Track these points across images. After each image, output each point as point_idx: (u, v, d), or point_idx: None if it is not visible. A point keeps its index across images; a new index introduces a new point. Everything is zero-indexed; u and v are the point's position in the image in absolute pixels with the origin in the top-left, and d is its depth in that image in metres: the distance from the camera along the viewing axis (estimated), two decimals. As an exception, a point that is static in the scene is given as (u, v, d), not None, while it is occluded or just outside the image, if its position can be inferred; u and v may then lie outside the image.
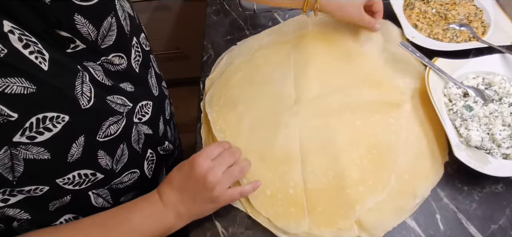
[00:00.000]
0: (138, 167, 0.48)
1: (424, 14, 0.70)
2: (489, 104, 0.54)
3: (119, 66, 0.42)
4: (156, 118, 0.51)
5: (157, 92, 0.53)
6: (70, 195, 0.39)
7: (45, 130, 0.32)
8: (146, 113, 0.48)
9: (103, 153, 0.40)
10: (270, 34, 0.71)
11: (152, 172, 0.52)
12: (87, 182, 0.40)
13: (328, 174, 0.51)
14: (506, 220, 0.47)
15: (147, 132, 0.49)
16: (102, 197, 0.44)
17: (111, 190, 0.45)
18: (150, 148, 0.50)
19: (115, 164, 0.43)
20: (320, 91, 0.60)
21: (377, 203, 0.49)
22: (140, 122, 0.46)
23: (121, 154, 0.43)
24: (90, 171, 0.39)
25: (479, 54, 0.63)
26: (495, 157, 0.50)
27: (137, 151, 0.47)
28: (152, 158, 0.52)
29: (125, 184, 0.47)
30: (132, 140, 0.45)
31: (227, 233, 0.49)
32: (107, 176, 0.42)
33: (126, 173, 0.46)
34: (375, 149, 0.53)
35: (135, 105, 0.45)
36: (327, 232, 0.47)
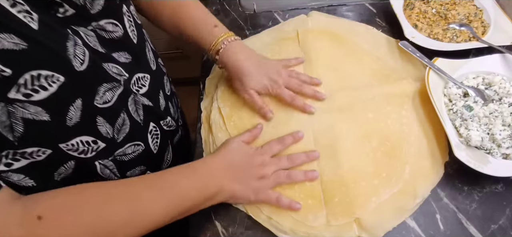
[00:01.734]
0: (141, 140, 0.48)
1: (424, 14, 0.70)
2: (489, 104, 0.55)
3: (114, 33, 0.42)
4: (155, 91, 0.51)
5: (155, 67, 0.53)
6: (74, 161, 0.39)
7: (40, 89, 0.32)
8: (142, 85, 0.48)
9: (102, 120, 0.40)
10: (270, 34, 0.72)
11: (157, 147, 0.52)
12: (91, 151, 0.40)
13: (343, 166, 0.52)
14: (506, 220, 0.47)
15: (147, 104, 0.49)
16: (108, 168, 0.44)
17: (116, 162, 0.45)
18: (152, 122, 0.51)
19: (116, 133, 0.43)
20: (331, 86, 0.61)
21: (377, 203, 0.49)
22: (138, 93, 0.47)
23: (121, 123, 0.44)
24: (91, 138, 0.40)
25: (479, 54, 0.63)
26: (495, 157, 0.50)
27: (138, 123, 0.47)
28: (156, 133, 0.52)
29: (129, 156, 0.47)
30: (130, 109, 0.45)
31: (227, 233, 0.49)
32: (109, 145, 0.43)
33: (129, 145, 0.46)
34: (388, 141, 0.54)
35: (131, 76, 0.45)
36: (344, 221, 0.48)
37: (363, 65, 0.64)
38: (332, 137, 0.55)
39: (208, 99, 0.64)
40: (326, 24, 0.71)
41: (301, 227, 0.48)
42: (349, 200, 0.49)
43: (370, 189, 0.50)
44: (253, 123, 0.57)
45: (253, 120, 0.58)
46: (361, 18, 0.74)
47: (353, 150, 0.53)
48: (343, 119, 0.57)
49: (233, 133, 0.57)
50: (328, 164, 0.52)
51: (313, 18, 0.72)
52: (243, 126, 0.57)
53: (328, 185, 0.50)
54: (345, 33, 0.69)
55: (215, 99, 0.62)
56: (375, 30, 0.70)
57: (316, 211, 0.49)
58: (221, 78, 0.65)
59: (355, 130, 0.55)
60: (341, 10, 0.76)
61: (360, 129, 0.55)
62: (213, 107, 0.61)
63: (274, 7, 0.78)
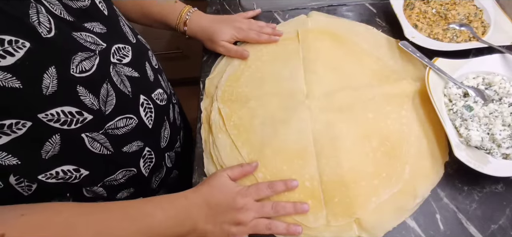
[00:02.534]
0: (133, 113, 0.47)
1: (424, 14, 0.70)
2: (489, 104, 0.54)
3: (80, 2, 0.41)
4: (139, 62, 0.50)
5: (134, 40, 0.51)
6: (59, 135, 0.38)
7: (6, 54, 0.31)
8: (125, 55, 0.47)
9: (84, 90, 0.39)
10: (270, 34, 0.72)
11: (152, 121, 0.51)
12: (76, 122, 0.39)
13: (343, 166, 0.52)
14: (506, 220, 0.47)
15: (132, 75, 0.47)
16: (98, 141, 0.42)
17: (108, 136, 0.44)
18: (142, 94, 0.49)
19: (102, 105, 0.42)
20: (330, 86, 0.61)
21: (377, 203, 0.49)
22: (120, 63, 0.45)
23: (106, 95, 0.42)
24: (75, 109, 0.38)
25: (479, 54, 0.63)
26: (495, 157, 0.50)
27: (125, 94, 0.45)
28: (149, 106, 0.50)
29: (122, 130, 0.45)
30: (115, 80, 0.44)
31: (227, 233, 0.49)
32: (97, 118, 0.41)
33: (119, 117, 0.45)
34: (388, 141, 0.54)
35: (109, 45, 0.44)
36: (344, 221, 0.48)
37: (363, 65, 0.64)
38: (332, 137, 0.55)
39: (208, 99, 0.64)
40: (326, 24, 0.71)
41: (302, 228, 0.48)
42: (349, 200, 0.49)
43: (370, 189, 0.50)
44: (253, 124, 0.57)
45: (253, 120, 0.58)
46: (361, 18, 0.74)
47: (353, 150, 0.53)
48: (343, 119, 0.57)
49: (233, 133, 0.57)
50: (328, 164, 0.52)
51: (313, 18, 0.72)
52: (243, 126, 0.57)
53: (328, 185, 0.50)
54: (345, 33, 0.69)
55: (215, 99, 0.62)
56: (375, 30, 0.70)
57: (316, 211, 0.49)
58: (221, 78, 0.65)
59: (355, 130, 0.55)
60: (341, 10, 0.76)
61: (360, 129, 0.55)
62: (213, 107, 0.61)
63: (274, 7, 0.78)
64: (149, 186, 0.56)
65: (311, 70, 0.63)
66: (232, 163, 0.54)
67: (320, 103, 0.59)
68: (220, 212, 0.45)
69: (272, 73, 0.64)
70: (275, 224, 0.46)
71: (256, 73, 0.64)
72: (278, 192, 0.49)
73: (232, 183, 0.49)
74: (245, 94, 0.62)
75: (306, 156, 0.53)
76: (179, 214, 0.44)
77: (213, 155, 0.55)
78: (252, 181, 0.52)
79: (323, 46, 0.67)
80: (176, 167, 0.63)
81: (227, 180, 0.48)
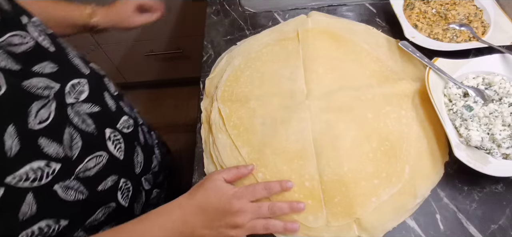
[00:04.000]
0: (102, 150, 0.46)
1: (424, 14, 0.70)
2: (489, 104, 0.54)
3: (23, 45, 0.38)
4: (98, 94, 0.48)
5: (87, 70, 0.49)
6: (32, 193, 0.36)
7: None
8: (81, 91, 0.44)
9: (46, 140, 0.37)
10: (270, 34, 0.72)
11: (122, 152, 0.49)
12: (46, 176, 0.37)
13: (343, 166, 0.52)
14: (506, 220, 0.47)
15: (93, 111, 0.45)
16: (72, 188, 0.41)
17: (81, 180, 0.42)
18: (107, 128, 0.47)
19: (68, 150, 0.40)
20: (330, 86, 0.61)
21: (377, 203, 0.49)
22: (77, 102, 0.43)
23: (70, 139, 0.40)
24: (42, 163, 0.37)
25: (479, 54, 0.63)
26: (495, 157, 0.50)
27: (90, 133, 0.44)
28: (116, 138, 0.49)
29: (93, 170, 0.44)
30: (74, 122, 0.42)
31: (227, 233, 0.49)
32: (66, 165, 0.39)
33: (89, 158, 0.43)
34: (388, 141, 0.54)
35: (63, 84, 0.42)
36: (344, 221, 0.48)
37: (363, 65, 0.64)
38: (332, 137, 0.55)
39: (208, 99, 0.64)
40: (326, 24, 0.71)
41: (301, 228, 0.48)
42: (349, 200, 0.49)
43: (370, 189, 0.50)
44: (253, 124, 0.57)
45: (253, 120, 0.58)
46: (361, 18, 0.74)
47: (353, 150, 0.53)
48: (343, 119, 0.57)
49: (233, 133, 0.57)
50: (328, 164, 0.52)
51: (313, 18, 0.72)
52: (243, 126, 0.57)
53: (328, 185, 0.50)
54: (345, 33, 0.69)
55: (215, 99, 0.62)
56: (375, 30, 0.70)
57: (316, 211, 0.49)
58: (221, 78, 0.65)
59: (355, 130, 0.55)
60: (341, 10, 0.76)
61: (360, 129, 0.55)
62: (213, 107, 0.61)
63: (274, 7, 0.78)
64: (132, 215, 0.54)
65: (311, 70, 0.63)
66: (232, 163, 0.54)
67: (320, 103, 0.59)
68: (217, 217, 0.45)
69: (272, 73, 0.64)
70: (273, 223, 0.46)
71: (256, 73, 0.64)
72: (274, 193, 0.49)
73: (227, 185, 0.48)
74: (245, 94, 0.62)
75: (306, 156, 0.53)
76: (175, 226, 0.44)
77: (213, 155, 0.55)
78: (252, 181, 0.52)
79: (323, 46, 0.67)
80: (156, 186, 0.62)
81: (222, 183, 0.47)
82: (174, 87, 1.79)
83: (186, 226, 0.44)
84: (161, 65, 1.55)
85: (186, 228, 0.44)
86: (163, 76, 1.64)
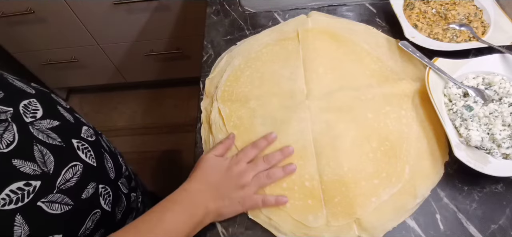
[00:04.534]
0: (75, 160, 0.45)
1: (424, 14, 0.70)
2: (489, 104, 0.54)
3: None
4: (52, 110, 0.47)
5: (33, 91, 0.47)
6: (19, 213, 0.36)
7: None
8: (35, 109, 0.44)
9: (19, 161, 0.37)
10: (270, 34, 0.72)
11: (94, 159, 0.50)
12: (28, 194, 0.37)
13: (343, 166, 0.52)
14: (506, 220, 0.47)
15: (53, 125, 0.45)
16: (56, 202, 0.41)
17: (63, 192, 0.42)
18: (72, 139, 0.47)
19: (43, 166, 0.40)
20: (330, 86, 0.61)
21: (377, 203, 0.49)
22: (35, 120, 0.43)
23: (42, 155, 0.40)
24: (22, 183, 0.37)
25: (479, 54, 0.63)
26: (495, 157, 0.50)
27: (59, 146, 0.44)
28: (84, 147, 0.49)
29: (73, 180, 0.44)
30: (40, 138, 0.42)
31: (227, 233, 0.49)
32: (45, 181, 0.39)
33: (65, 170, 0.43)
34: (388, 141, 0.54)
35: (15, 107, 0.41)
36: (344, 221, 0.48)
37: (363, 65, 0.64)
38: (332, 137, 0.55)
39: (208, 99, 0.64)
40: (326, 24, 0.71)
41: (301, 228, 0.48)
42: (349, 200, 0.49)
43: (370, 189, 0.50)
44: (253, 124, 0.57)
45: (253, 120, 0.58)
46: (361, 18, 0.74)
47: (353, 150, 0.53)
48: (343, 119, 0.57)
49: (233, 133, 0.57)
50: (328, 164, 0.52)
51: (313, 18, 0.72)
52: (243, 126, 0.57)
53: (328, 185, 0.51)
54: (345, 33, 0.69)
55: (215, 99, 0.62)
56: (375, 30, 0.70)
57: (316, 211, 0.49)
58: (221, 78, 0.65)
59: (355, 130, 0.55)
60: (341, 10, 0.76)
61: (360, 129, 0.55)
62: (213, 107, 0.61)
63: (274, 7, 0.78)
64: (115, 220, 0.54)
65: (311, 70, 0.63)
66: (232, 163, 0.54)
67: (320, 103, 0.59)
68: (223, 186, 0.48)
69: (272, 73, 0.64)
70: (273, 171, 0.51)
71: (256, 73, 0.65)
72: (262, 148, 0.53)
73: (220, 158, 0.52)
74: (245, 94, 0.62)
75: (306, 156, 0.53)
76: (186, 206, 0.45)
77: (213, 155, 0.55)
78: None
79: (323, 46, 0.67)
80: (131, 191, 0.62)
81: (216, 159, 0.51)
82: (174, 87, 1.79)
83: (198, 206, 0.46)
84: (161, 65, 1.55)
85: (198, 209, 0.45)
86: (163, 76, 1.64)
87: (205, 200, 0.47)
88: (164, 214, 0.43)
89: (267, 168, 0.51)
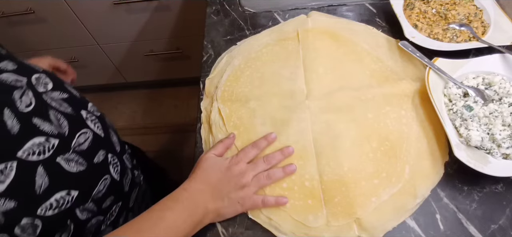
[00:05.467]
0: (85, 128, 0.48)
1: (424, 14, 0.70)
2: (489, 104, 0.54)
3: None
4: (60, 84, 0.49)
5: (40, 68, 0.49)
6: (41, 165, 0.39)
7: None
8: (45, 82, 0.46)
9: (38, 120, 0.40)
10: (270, 34, 0.72)
11: (101, 130, 0.52)
12: (48, 149, 0.40)
13: (343, 166, 0.52)
14: (506, 220, 0.47)
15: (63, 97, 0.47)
16: (72, 161, 0.43)
17: (77, 153, 0.44)
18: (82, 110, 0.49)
19: (59, 128, 0.42)
20: (330, 86, 0.61)
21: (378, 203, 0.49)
22: (47, 91, 0.45)
23: (57, 119, 0.43)
24: (43, 138, 0.39)
25: (479, 54, 0.63)
26: (495, 157, 0.50)
27: (71, 114, 0.46)
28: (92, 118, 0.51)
29: (85, 144, 0.46)
30: (53, 105, 0.44)
31: (227, 233, 0.49)
32: (62, 140, 0.42)
33: (78, 135, 0.45)
34: (388, 141, 0.54)
35: (29, 77, 0.43)
36: (344, 221, 0.48)
37: (363, 65, 0.64)
38: (332, 137, 0.55)
39: (208, 99, 0.64)
40: (326, 24, 0.71)
41: (301, 228, 0.48)
42: (349, 200, 0.49)
43: (370, 189, 0.50)
44: (253, 124, 0.57)
45: (253, 120, 0.58)
46: (361, 18, 0.74)
47: (353, 150, 0.53)
48: (343, 119, 0.57)
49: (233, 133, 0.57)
50: (328, 164, 0.52)
51: (313, 18, 0.72)
52: (243, 127, 0.57)
53: (328, 185, 0.51)
54: (345, 33, 0.69)
55: (215, 99, 0.62)
56: (375, 30, 0.70)
57: (316, 211, 0.49)
58: (221, 78, 0.65)
59: (355, 130, 0.55)
60: (341, 10, 0.76)
61: (360, 129, 0.55)
62: (213, 107, 0.61)
63: (274, 7, 0.78)
64: (123, 191, 0.55)
65: (311, 70, 0.63)
66: (232, 163, 0.54)
67: (320, 103, 0.59)
68: (223, 186, 0.48)
69: (272, 73, 0.64)
70: (273, 172, 0.51)
71: (256, 73, 0.65)
72: (262, 148, 0.54)
73: (220, 158, 0.52)
74: (245, 94, 0.62)
75: (306, 156, 0.53)
76: (187, 205, 0.45)
77: (213, 155, 0.55)
78: None
79: (323, 46, 0.67)
80: (135, 168, 0.63)
81: (216, 158, 0.52)
82: (174, 87, 1.79)
83: (197, 206, 0.46)
84: (161, 65, 1.55)
85: (198, 208, 0.46)
86: (163, 76, 1.64)
87: (204, 200, 0.47)
88: (164, 212, 0.44)
89: (267, 168, 0.52)
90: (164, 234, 0.42)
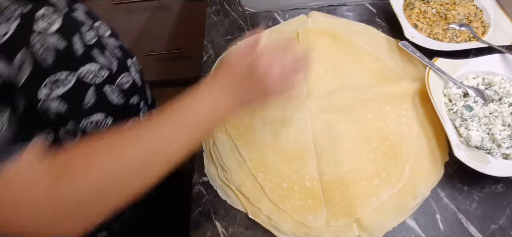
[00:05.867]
0: (128, 72, 0.54)
1: (424, 14, 0.70)
2: (489, 104, 0.54)
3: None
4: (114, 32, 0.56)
5: None
6: (92, 88, 0.45)
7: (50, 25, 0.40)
8: (106, 29, 0.53)
9: (97, 52, 0.47)
10: (270, 34, 0.72)
11: (139, 79, 0.58)
12: (100, 77, 0.47)
13: (343, 166, 0.52)
14: (506, 220, 0.47)
15: (117, 45, 0.53)
16: (115, 93, 0.49)
17: (119, 89, 0.50)
18: (128, 58, 0.56)
19: (109, 64, 0.49)
20: (330, 86, 0.61)
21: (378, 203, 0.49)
22: (103, 36, 0.51)
23: (109, 58, 0.49)
24: (97, 66, 0.46)
25: (479, 54, 0.63)
26: (495, 157, 0.50)
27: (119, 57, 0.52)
28: (135, 67, 0.58)
29: (125, 85, 0.52)
30: (108, 47, 0.51)
31: (227, 233, 0.49)
32: (110, 74, 0.48)
33: (121, 75, 0.51)
34: (388, 141, 0.54)
35: (94, 21, 0.50)
36: (344, 221, 0.47)
37: (363, 65, 0.64)
38: (332, 137, 0.55)
39: (208, 99, 0.63)
40: (326, 24, 0.71)
41: (301, 228, 0.48)
42: (349, 200, 0.49)
43: (370, 189, 0.49)
44: (253, 124, 0.57)
45: (253, 120, 0.58)
46: (361, 18, 0.74)
47: (353, 150, 0.53)
48: (343, 119, 0.57)
49: (233, 133, 0.57)
50: (328, 164, 0.52)
51: (313, 18, 0.72)
52: (243, 126, 0.57)
53: (328, 185, 0.50)
54: (345, 33, 0.69)
55: (215, 99, 0.62)
56: (375, 30, 0.70)
57: (316, 211, 0.49)
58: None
59: (355, 130, 0.55)
60: (341, 10, 0.76)
61: (360, 129, 0.55)
62: (213, 107, 0.61)
63: (274, 7, 0.78)
64: None
65: (311, 70, 0.63)
66: (232, 163, 0.54)
67: (320, 103, 0.59)
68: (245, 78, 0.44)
69: (272, 73, 0.64)
70: None
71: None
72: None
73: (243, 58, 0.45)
74: (245, 94, 0.61)
75: (306, 156, 0.53)
76: (208, 101, 0.43)
77: (213, 155, 0.55)
78: (253, 181, 0.52)
79: (323, 46, 0.67)
80: None
81: (232, 55, 0.46)
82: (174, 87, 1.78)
83: (217, 104, 0.43)
84: (161, 65, 1.55)
85: (217, 106, 0.43)
86: (163, 76, 1.64)
87: (225, 100, 0.43)
88: (192, 104, 0.43)
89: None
90: (188, 128, 0.41)
